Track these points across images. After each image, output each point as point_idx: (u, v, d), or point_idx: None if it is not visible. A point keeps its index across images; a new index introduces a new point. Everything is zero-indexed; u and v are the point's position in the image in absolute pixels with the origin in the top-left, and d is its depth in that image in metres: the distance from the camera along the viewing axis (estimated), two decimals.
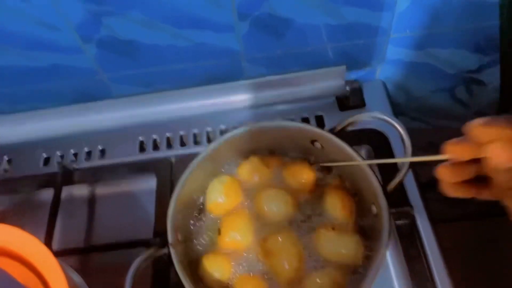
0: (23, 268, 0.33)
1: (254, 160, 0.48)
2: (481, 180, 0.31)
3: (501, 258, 0.90)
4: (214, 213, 0.47)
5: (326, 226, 0.43)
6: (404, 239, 0.49)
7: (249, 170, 0.48)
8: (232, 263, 0.43)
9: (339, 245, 0.41)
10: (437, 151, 0.32)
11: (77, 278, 0.39)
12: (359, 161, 0.41)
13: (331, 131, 0.43)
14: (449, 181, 0.31)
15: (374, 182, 0.40)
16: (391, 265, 0.49)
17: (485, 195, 0.32)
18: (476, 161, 0.30)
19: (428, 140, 0.72)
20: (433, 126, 0.80)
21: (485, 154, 0.28)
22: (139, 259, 0.39)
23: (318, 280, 0.40)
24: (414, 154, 0.43)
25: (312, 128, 0.44)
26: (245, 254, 0.43)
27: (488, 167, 0.29)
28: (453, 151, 0.30)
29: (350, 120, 0.42)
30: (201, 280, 0.42)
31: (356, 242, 0.42)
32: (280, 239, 0.42)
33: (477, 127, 0.28)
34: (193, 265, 0.44)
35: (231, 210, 0.47)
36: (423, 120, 0.79)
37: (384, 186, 0.40)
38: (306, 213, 0.45)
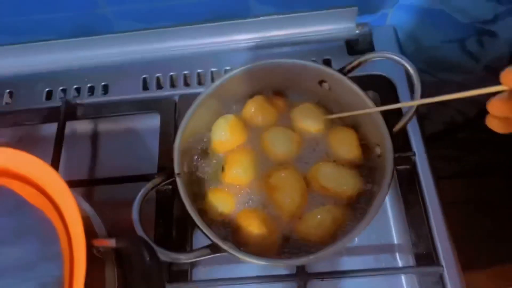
0: (33, 190, 0.34)
1: (259, 99, 0.48)
2: None
3: (497, 215, 0.92)
4: (218, 151, 0.48)
5: (326, 160, 0.43)
6: (404, 184, 0.50)
7: (255, 109, 0.48)
8: (235, 198, 0.44)
9: (337, 176, 0.42)
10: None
11: (85, 205, 0.39)
12: (370, 108, 0.40)
13: (340, 71, 0.43)
14: (502, 115, 0.27)
15: (381, 123, 0.40)
16: (389, 208, 0.50)
17: None
18: None
19: (433, 93, 0.72)
20: (439, 80, 0.79)
21: None
22: (147, 187, 0.39)
23: (318, 216, 0.41)
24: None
25: (321, 67, 0.43)
26: (248, 190, 0.44)
27: None
28: None
29: (361, 59, 0.41)
30: (205, 214, 0.43)
31: (354, 173, 0.42)
32: (284, 175, 0.43)
33: None
34: (197, 200, 0.45)
35: (235, 148, 0.47)
36: (429, 72, 0.78)
37: (390, 128, 0.40)
38: (311, 152, 0.46)
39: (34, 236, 0.30)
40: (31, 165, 0.35)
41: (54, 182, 0.34)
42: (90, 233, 0.32)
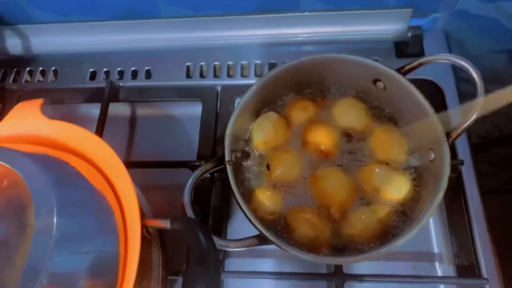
0: (87, 166, 0.34)
1: (299, 100, 0.47)
2: None
3: None
4: (260, 149, 0.47)
5: (378, 162, 0.42)
6: (448, 193, 0.48)
7: (296, 110, 0.48)
8: (282, 196, 0.43)
9: (388, 181, 0.41)
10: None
11: (134, 186, 0.39)
12: (427, 110, 0.39)
13: (398, 70, 0.42)
14: None
15: (437, 127, 0.39)
16: None
17: None
18: None
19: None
20: None
21: None
22: (199, 171, 0.39)
23: (363, 216, 0.41)
24: None
25: (379, 65, 0.42)
26: (293, 187, 0.44)
27: None
28: None
29: (422, 60, 0.40)
30: (254, 212, 0.41)
31: (407, 178, 0.41)
32: (331, 167, 0.42)
33: None
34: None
35: (278, 147, 0.46)
36: (470, 81, 0.76)
37: (447, 133, 0.39)
38: (355, 150, 0.45)
39: (90, 210, 0.30)
40: (87, 141, 0.35)
41: (110, 160, 0.34)
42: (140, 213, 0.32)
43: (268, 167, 0.45)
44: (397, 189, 0.41)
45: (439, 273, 0.46)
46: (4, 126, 0.37)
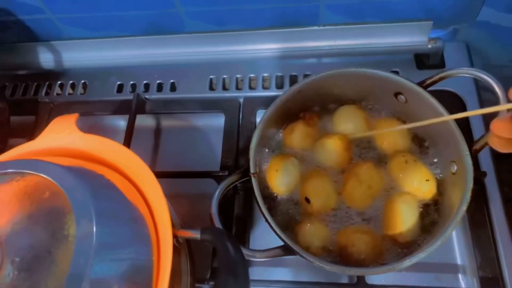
0: (119, 177, 0.36)
1: (295, 125, 0.49)
2: None
3: None
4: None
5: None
6: (472, 203, 0.48)
7: (296, 137, 0.49)
8: (327, 222, 0.44)
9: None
10: None
11: None
12: (450, 124, 0.40)
13: (420, 84, 0.42)
14: (504, 137, 0.29)
15: (460, 140, 0.39)
16: None
17: None
18: None
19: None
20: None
21: None
22: (226, 182, 0.40)
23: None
24: None
25: (401, 80, 0.43)
26: (333, 211, 0.45)
27: None
28: None
29: (443, 74, 0.41)
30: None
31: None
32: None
33: None
34: None
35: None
36: (491, 91, 0.76)
37: (470, 146, 0.39)
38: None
39: (125, 220, 0.32)
40: (119, 154, 0.37)
41: (141, 171, 0.36)
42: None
43: (308, 200, 0.45)
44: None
45: (463, 285, 0.46)
46: (43, 140, 0.39)
